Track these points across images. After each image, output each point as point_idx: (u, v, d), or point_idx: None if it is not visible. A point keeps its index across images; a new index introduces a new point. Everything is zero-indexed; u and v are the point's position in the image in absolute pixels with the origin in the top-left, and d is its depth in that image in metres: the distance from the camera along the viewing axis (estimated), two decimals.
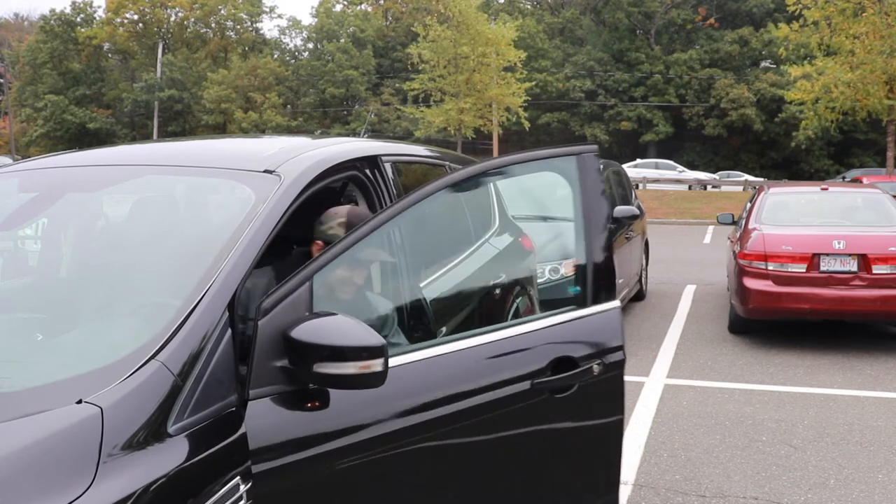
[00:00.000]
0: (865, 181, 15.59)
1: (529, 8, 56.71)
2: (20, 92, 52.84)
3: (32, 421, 1.54)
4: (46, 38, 52.59)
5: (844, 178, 32.48)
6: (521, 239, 3.69)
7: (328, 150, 2.53)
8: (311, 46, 55.68)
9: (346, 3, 57.39)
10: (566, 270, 5.67)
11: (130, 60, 56.83)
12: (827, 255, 6.88)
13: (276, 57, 54.82)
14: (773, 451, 4.66)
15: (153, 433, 1.62)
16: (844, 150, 45.31)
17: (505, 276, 3.27)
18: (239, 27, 57.69)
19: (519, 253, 3.68)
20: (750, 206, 8.34)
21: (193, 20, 56.64)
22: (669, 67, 48.48)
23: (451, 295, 2.80)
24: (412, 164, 3.15)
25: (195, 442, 1.68)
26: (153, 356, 1.71)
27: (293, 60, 56.11)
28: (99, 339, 1.95)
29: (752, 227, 7.57)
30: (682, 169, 37.13)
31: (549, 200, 6.96)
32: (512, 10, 52.34)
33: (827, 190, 8.54)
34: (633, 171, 31.37)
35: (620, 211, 7.40)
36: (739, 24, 49.91)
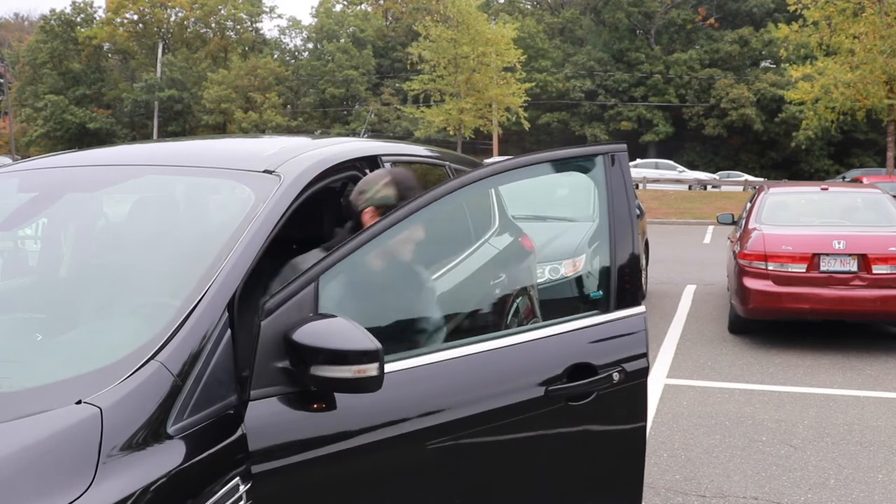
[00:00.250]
0: (865, 181, 15.59)
1: (529, 8, 56.72)
2: (20, 92, 52.85)
3: (32, 421, 1.54)
4: (46, 38, 52.61)
5: (844, 178, 32.48)
6: (521, 239, 3.68)
7: (328, 150, 2.53)
8: (311, 46, 55.71)
9: (346, 3, 57.41)
10: (566, 270, 5.67)
11: (130, 60, 56.85)
12: (827, 255, 6.88)
13: (276, 57, 54.84)
14: (773, 451, 4.66)
15: (153, 433, 1.62)
16: (844, 150, 45.32)
17: (505, 276, 3.27)
18: (239, 27, 57.71)
19: (519, 253, 3.68)
20: (750, 206, 8.34)
21: (193, 20, 56.66)
22: (669, 67, 48.49)
23: (450, 295, 2.79)
24: (412, 163, 3.14)
25: (195, 442, 1.68)
26: (153, 356, 1.70)
27: (293, 60, 56.13)
28: (98, 339, 1.95)
29: (752, 227, 7.57)
30: (682, 169, 37.13)
31: (549, 200, 6.96)
32: (512, 10, 52.36)
33: (827, 190, 8.54)
34: (633, 171, 31.16)
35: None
36: (739, 24, 49.93)
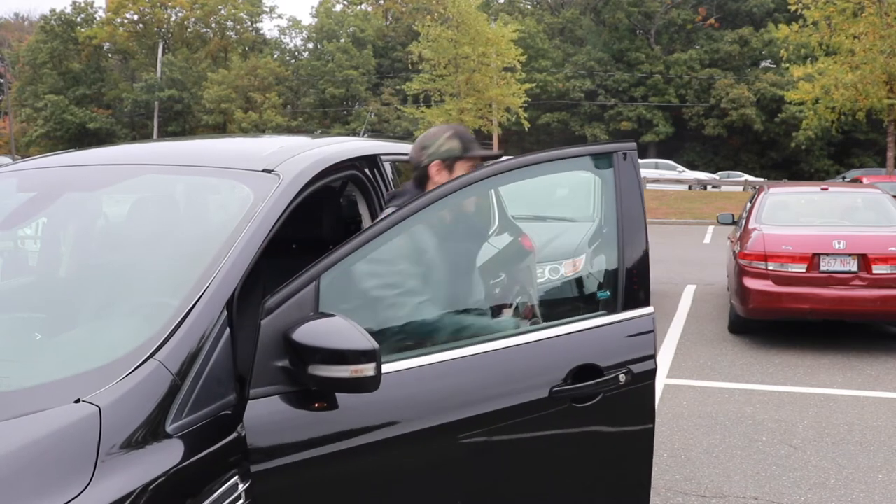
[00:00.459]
0: (865, 181, 15.58)
1: (529, 8, 56.71)
2: (20, 92, 52.85)
3: (31, 420, 1.54)
4: (46, 38, 52.60)
5: (844, 178, 32.48)
6: (520, 239, 3.68)
7: (327, 149, 2.53)
8: (311, 46, 55.70)
9: (346, 3, 57.40)
10: (566, 270, 5.67)
11: (130, 60, 56.84)
12: (827, 255, 6.88)
13: (276, 57, 54.83)
14: (773, 451, 4.65)
15: (151, 432, 1.62)
16: (844, 150, 45.32)
17: (504, 276, 3.26)
18: (239, 27, 57.70)
19: (519, 253, 3.67)
20: (750, 206, 8.34)
21: (193, 20, 56.65)
22: (669, 67, 48.49)
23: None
24: None
25: (194, 441, 1.68)
26: (151, 355, 1.70)
27: (293, 60, 56.13)
28: (97, 338, 1.94)
29: (752, 227, 7.57)
30: (682, 169, 37.13)
31: (549, 201, 6.96)
32: (512, 10, 52.36)
33: (827, 190, 8.54)
34: None
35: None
36: (739, 24, 49.92)
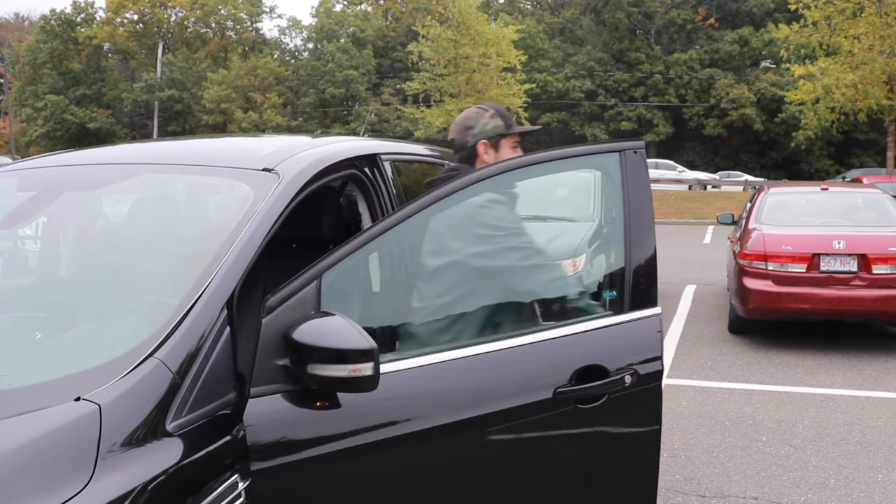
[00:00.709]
0: (865, 181, 15.58)
1: (529, 8, 56.73)
2: (20, 92, 52.86)
3: (31, 418, 1.54)
4: (46, 38, 52.61)
5: (844, 178, 32.48)
6: None
7: (327, 148, 2.52)
8: (311, 46, 55.71)
9: (346, 3, 57.40)
10: (566, 270, 5.67)
11: (130, 60, 56.86)
12: (827, 255, 6.88)
13: (276, 57, 54.84)
14: (773, 451, 4.65)
15: (151, 430, 1.62)
16: (844, 150, 45.33)
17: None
18: (239, 27, 57.71)
19: None
20: (750, 206, 8.34)
21: (193, 20, 56.66)
22: (669, 67, 48.49)
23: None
24: (412, 162, 3.15)
25: (194, 439, 1.68)
26: (151, 354, 1.70)
27: (293, 60, 56.13)
28: (97, 337, 1.94)
29: (752, 227, 7.57)
30: (682, 169, 37.14)
31: (549, 200, 6.97)
32: (512, 10, 52.37)
33: (827, 190, 8.54)
34: None
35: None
36: (739, 24, 49.93)
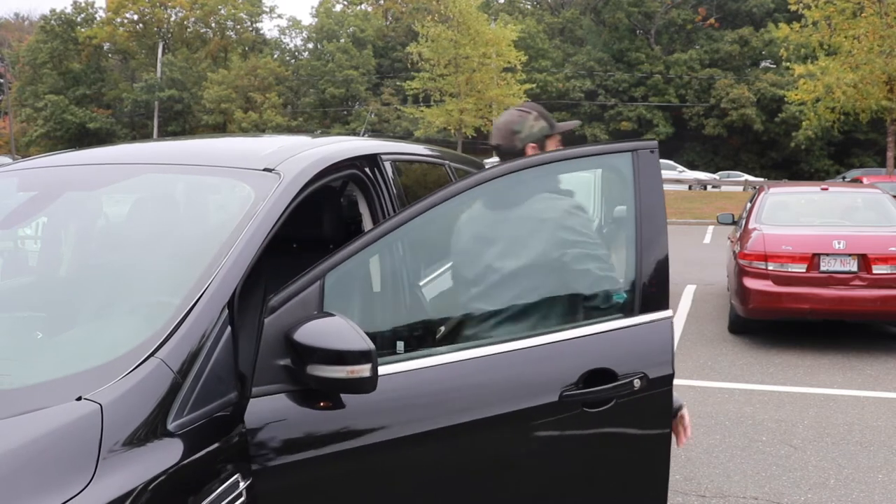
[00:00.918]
0: (865, 181, 15.58)
1: (529, 8, 56.74)
2: (20, 92, 52.86)
3: (32, 418, 1.53)
4: (46, 37, 52.62)
5: (844, 178, 32.49)
6: None
7: (328, 148, 2.52)
8: (311, 46, 55.72)
9: (346, 3, 57.42)
10: None
11: (130, 60, 56.87)
12: (827, 255, 6.89)
13: (276, 57, 54.86)
14: (773, 451, 4.66)
15: (153, 430, 1.62)
16: (844, 150, 45.34)
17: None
18: (239, 27, 57.72)
19: None
20: (750, 206, 8.34)
21: (193, 20, 56.67)
22: (669, 67, 48.51)
23: (448, 294, 2.77)
24: (412, 162, 3.15)
25: (195, 439, 1.68)
26: (152, 353, 1.70)
27: (293, 60, 56.15)
28: (98, 337, 1.94)
29: (752, 227, 7.57)
30: (682, 169, 37.14)
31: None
32: (512, 10, 52.38)
33: (827, 190, 8.54)
34: None
35: (620, 211, 7.40)
36: (739, 24, 49.94)
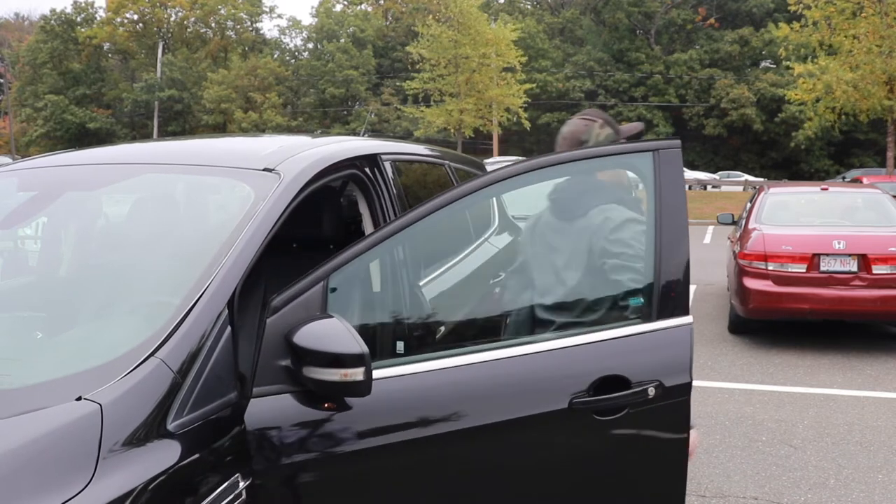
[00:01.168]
0: (865, 181, 15.58)
1: (529, 8, 56.75)
2: (20, 92, 52.87)
3: (32, 418, 1.53)
4: (46, 37, 52.64)
5: (844, 178, 32.50)
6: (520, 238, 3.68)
7: (328, 148, 2.52)
8: (311, 46, 55.74)
9: (346, 3, 57.43)
10: None
11: (130, 60, 56.89)
12: (827, 255, 6.88)
13: (276, 57, 54.88)
14: (773, 451, 4.66)
15: (153, 430, 1.62)
16: (844, 150, 45.36)
17: (504, 275, 3.26)
18: (239, 27, 57.74)
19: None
20: (750, 206, 8.34)
21: (193, 20, 56.70)
22: (669, 67, 48.52)
23: (449, 294, 2.78)
24: (412, 162, 3.15)
25: (195, 439, 1.68)
26: (152, 353, 1.70)
27: (293, 60, 56.17)
28: (98, 337, 1.94)
29: (752, 227, 7.57)
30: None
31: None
32: (512, 10, 52.38)
33: (827, 190, 8.54)
34: None
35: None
36: (739, 24, 49.96)
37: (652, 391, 2.11)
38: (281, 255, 2.53)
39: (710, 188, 32.63)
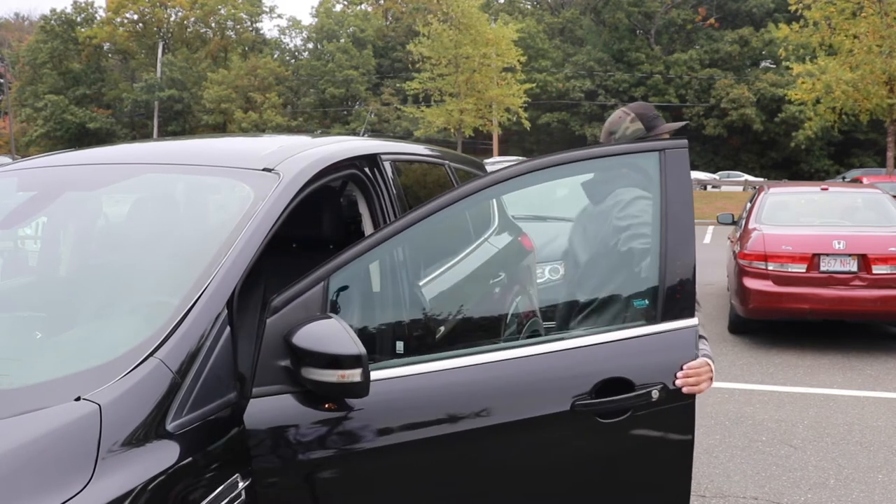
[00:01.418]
0: (865, 181, 15.58)
1: (529, 8, 56.75)
2: (20, 92, 52.86)
3: (31, 418, 1.53)
4: (46, 37, 52.63)
5: (844, 178, 32.49)
6: (520, 238, 3.68)
7: (327, 148, 2.52)
8: (311, 46, 55.73)
9: (346, 3, 57.42)
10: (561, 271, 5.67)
11: (130, 60, 56.88)
12: (827, 255, 6.88)
13: (276, 57, 54.87)
14: (773, 451, 4.65)
15: (152, 430, 1.62)
16: (844, 150, 45.35)
17: (504, 275, 3.26)
18: (239, 27, 57.73)
19: (518, 252, 3.67)
20: (750, 206, 8.34)
21: (193, 20, 56.68)
22: (669, 67, 48.51)
23: (449, 294, 2.77)
24: (412, 162, 3.14)
25: (194, 439, 1.68)
26: (152, 353, 1.70)
27: (293, 60, 56.17)
28: (98, 337, 1.94)
29: (752, 227, 7.57)
30: None
31: (549, 200, 6.96)
32: (512, 10, 52.38)
33: (827, 190, 8.54)
34: None
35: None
36: (739, 24, 49.95)
37: (656, 394, 2.09)
38: (281, 255, 2.53)
39: (710, 188, 32.65)
